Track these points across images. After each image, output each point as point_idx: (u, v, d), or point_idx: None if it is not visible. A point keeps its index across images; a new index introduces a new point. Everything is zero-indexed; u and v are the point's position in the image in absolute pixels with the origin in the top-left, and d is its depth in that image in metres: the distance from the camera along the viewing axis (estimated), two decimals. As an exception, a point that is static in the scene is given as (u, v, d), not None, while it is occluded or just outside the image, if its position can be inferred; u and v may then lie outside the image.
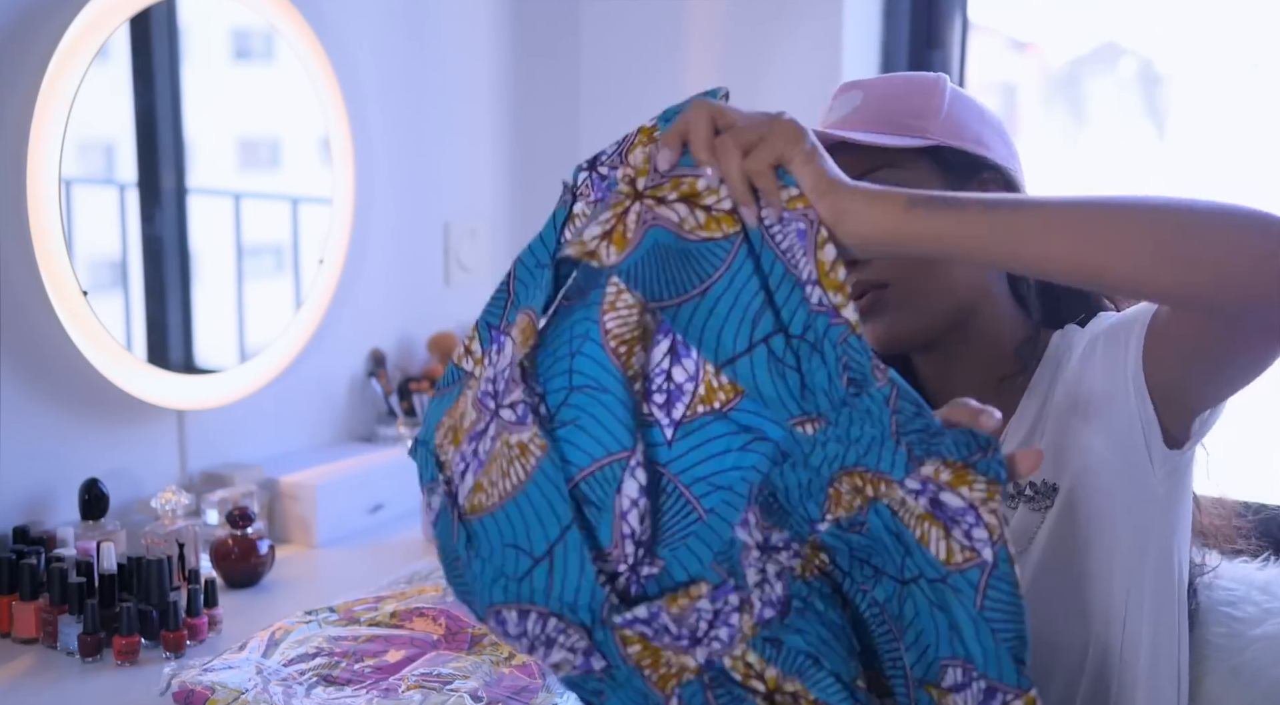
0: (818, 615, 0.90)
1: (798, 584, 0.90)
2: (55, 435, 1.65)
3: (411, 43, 2.13)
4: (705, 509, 0.92)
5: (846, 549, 0.90)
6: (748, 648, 0.90)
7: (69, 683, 1.36)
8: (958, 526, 0.85)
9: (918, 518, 0.86)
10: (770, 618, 0.90)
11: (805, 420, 0.89)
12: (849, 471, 0.88)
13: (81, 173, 1.68)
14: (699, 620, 0.90)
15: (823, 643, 0.90)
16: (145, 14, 1.69)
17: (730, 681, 0.90)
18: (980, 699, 0.85)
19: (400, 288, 2.15)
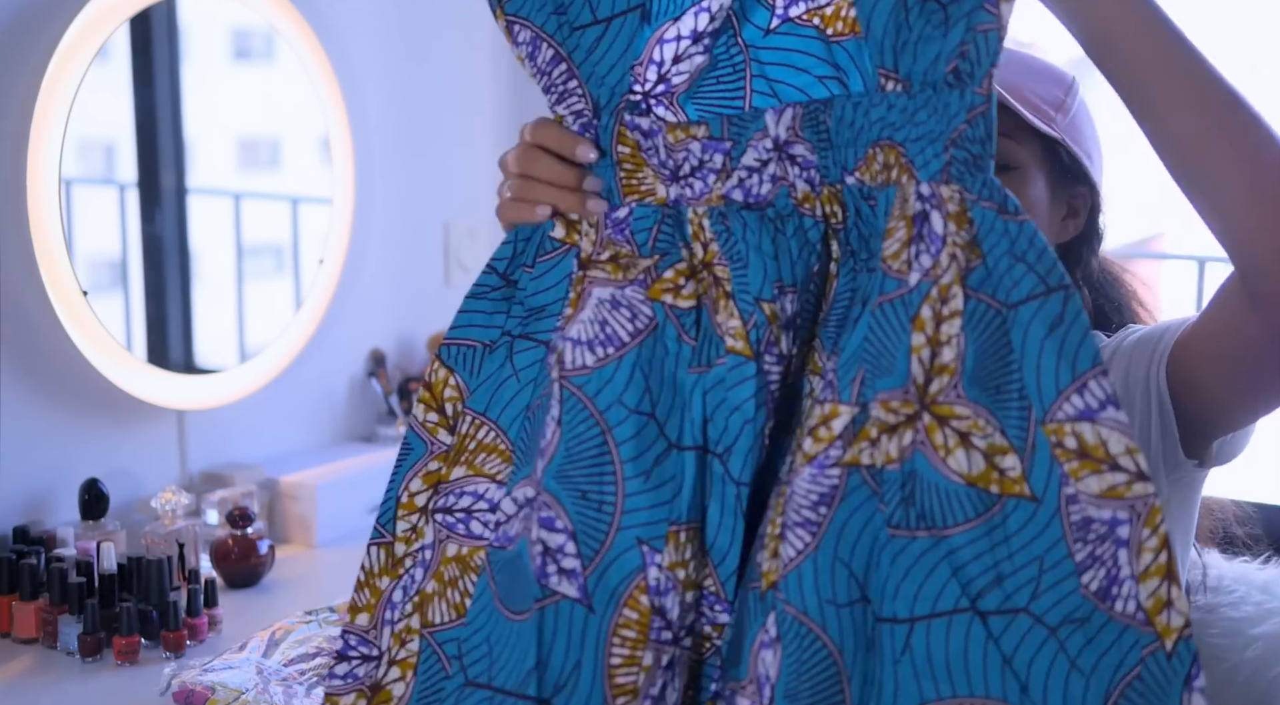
0: (778, 231, 0.89)
1: (786, 201, 0.90)
2: (55, 435, 1.65)
3: (411, 42, 2.13)
4: (753, 92, 0.90)
5: (854, 213, 0.88)
6: (706, 212, 0.91)
7: (69, 683, 1.36)
8: (921, 244, 0.83)
9: (903, 215, 0.84)
10: (733, 200, 0.90)
11: (891, 77, 0.85)
12: (892, 145, 0.85)
13: (81, 173, 1.68)
14: (685, 161, 0.91)
15: (760, 253, 0.89)
16: (145, 14, 1.69)
17: (682, 225, 0.92)
18: (823, 386, 0.85)
19: (400, 288, 2.15)
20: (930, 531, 0.80)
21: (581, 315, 0.91)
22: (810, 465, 0.83)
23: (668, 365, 0.90)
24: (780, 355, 0.89)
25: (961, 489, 0.80)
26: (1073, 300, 0.79)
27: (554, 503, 0.88)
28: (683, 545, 0.88)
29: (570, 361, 0.90)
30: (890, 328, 0.82)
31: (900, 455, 0.82)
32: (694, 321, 0.90)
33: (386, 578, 0.97)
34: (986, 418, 0.80)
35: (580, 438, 0.89)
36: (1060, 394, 0.79)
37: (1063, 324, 0.79)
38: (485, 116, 2.29)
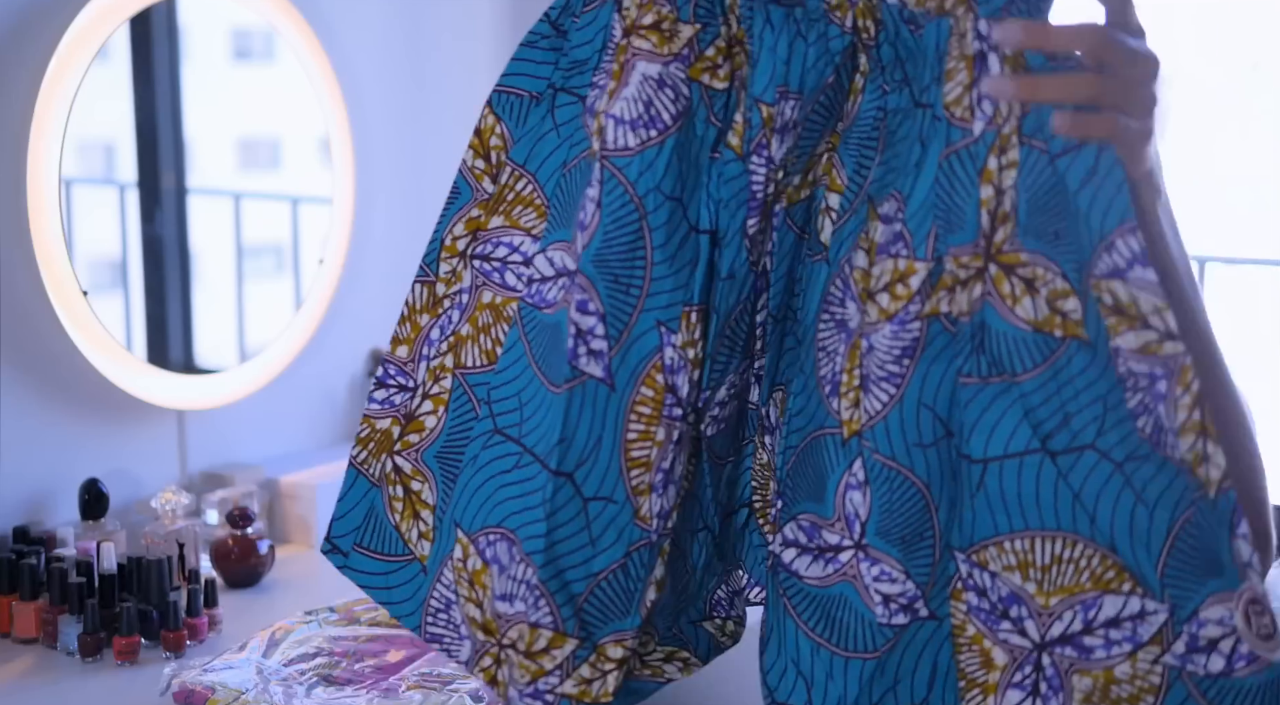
0: (799, 36, 0.89)
1: (818, 3, 0.89)
2: (55, 435, 1.65)
3: (411, 43, 2.13)
4: None
5: (893, 34, 0.87)
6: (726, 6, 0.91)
7: (69, 683, 1.36)
8: (979, 87, 0.83)
9: (963, 56, 0.84)
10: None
11: None
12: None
13: (81, 173, 1.68)
14: None
15: (773, 55, 0.88)
16: (145, 14, 1.69)
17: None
18: (890, 237, 0.86)
19: (400, 288, 2.14)
20: (1002, 377, 0.83)
21: (625, 92, 0.90)
22: (890, 322, 0.85)
23: (693, 147, 0.90)
24: (768, 158, 0.89)
25: (1029, 335, 0.82)
26: (1106, 153, 0.80)
27: (589, 286, 0.90)
28: (693, 325, 0.91)
29: (612, 141, 0.90)
30: (959, 181, 0.83)
31: (971, 307, 0.84)
32: (724, 103, 0.91)
33: (426, 315, 1.01)
34: (1046, 264, 0.82)
35: (619, 221, 0.90)
36: (1094, 250, 0.80)
37: (1095, 177, 0.80)
38: (485, 116, 2.29)
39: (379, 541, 1.04)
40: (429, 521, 1.01)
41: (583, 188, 0.92)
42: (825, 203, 0.92)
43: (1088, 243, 0.80)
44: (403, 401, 1.02)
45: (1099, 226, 0.80)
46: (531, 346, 0.95)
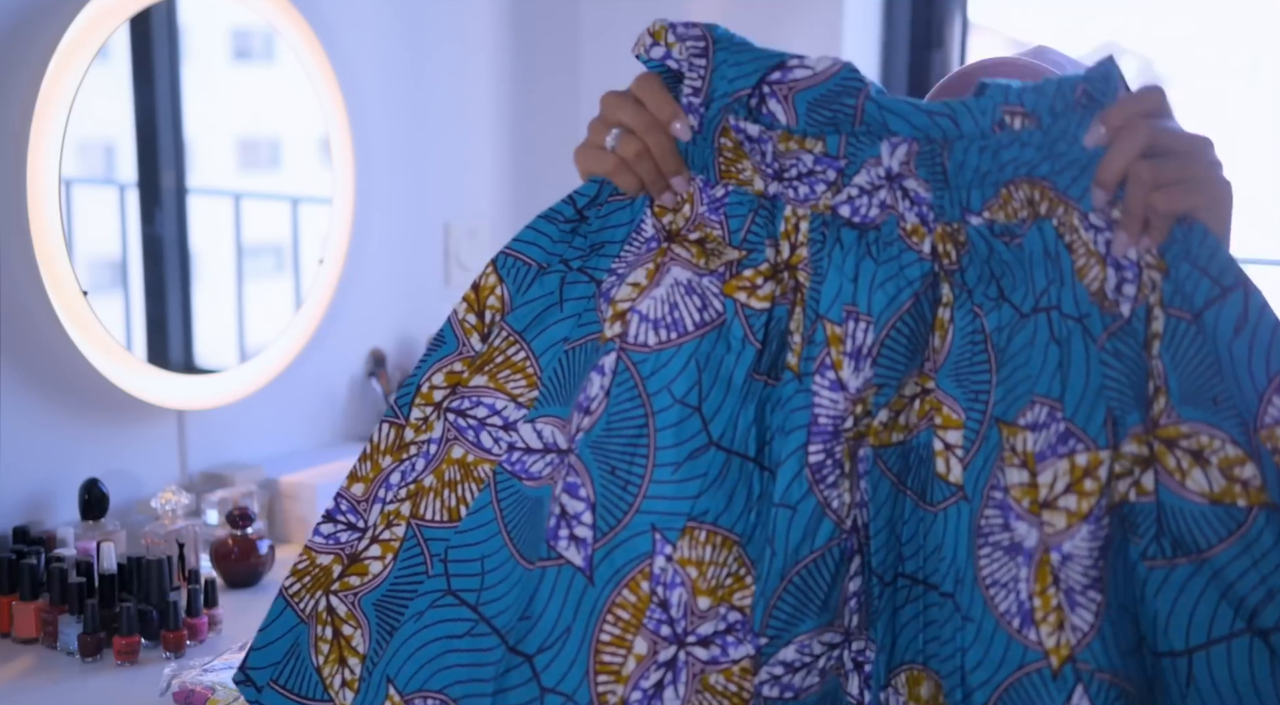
0: (868, 256, 0.87)
1: (893, 229, 0.87)
2: (55, 435, 1.65)
3: (411, 43, 2.13)
4: (864, 110, 0.87)
5: (985, 254, 0.86)
6: (808, 215, 0.89)
7: (69, 683, 1.36)
8: (1119, 274, 0.81)
9: (1088, 252, 0.82)
10: (839, 215, 0.88)
11: (1017, 112, 0.83)
12: (1034, 180, 0.84)
13: (81, 173, 1.68)
14: (793, 166, 0.89)
15: (840, 273, 0.87)
16: (145, 14, 1.69)
17: (775, 220, 0.90)
18: (1053, 441, 0.80)
19: (400, 288, 2.15)
20: (1190, 557, 0.79)
21: (655, 292, 0.90)
22: (1086, 522, 0.79)
23: (726, 363, 0.89)
24: (838, 381, 0.86)
25: (1208, 509, 0.78)
26: (1254, 296, 0.78)
27: (582, 470, 0.88)
28: (701, 545, 0.87)
29: (634, 335, 0.89)
30: (1128, 359, 0.80)
31: (1153, 485, 0.80)
32: (764, 323, 0.89)
33: (389, 457, 0.97)
34: (1210, 431, 0.78)
35: (624, 414, 0.88)
36: (1262, 398, 0.77)
37: (1248, 323, 0.78)
38: (485, 116, 2.29)
39: (297, 681, 0.98)
40: (355, 670, 0.96)
41: (587, 370, 0.91)
42: (943, 442, 0.87)
43: (1251, 392, 0.78)
44: (349, 540, 0.97)
45: (1263, 371, 0.77)
46: (504, 514, 0.93)
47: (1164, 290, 0.80)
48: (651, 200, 0.93)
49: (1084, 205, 0.82)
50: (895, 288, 0.86)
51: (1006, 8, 2.41)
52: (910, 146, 0.86)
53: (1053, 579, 0.80)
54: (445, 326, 0.98)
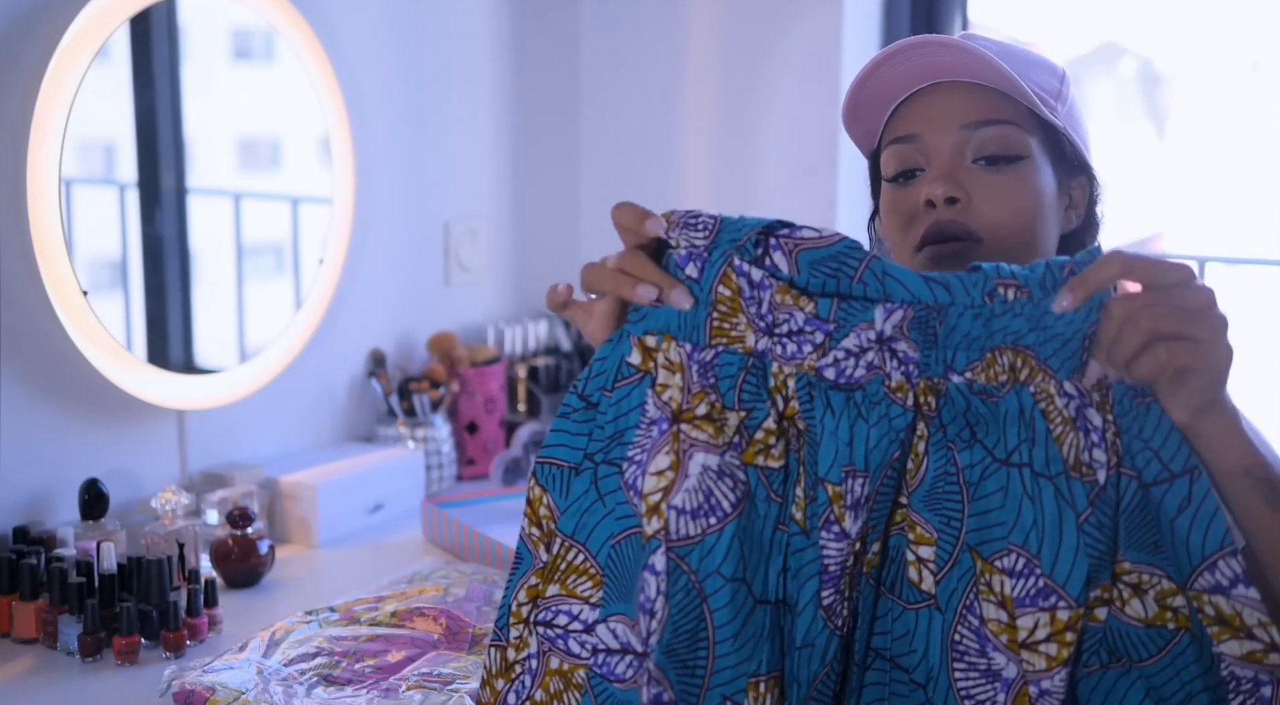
0: (860, 417, 0.92)
1: (878, 387, 0.92)
2: (55, 435, 1.65)
3: (411, 43, 2.13)
4: (866, 271, 0.92)
5: (962, 407, 0.92)
6: (794, 374, 0.93)
7: (69, 683, 1.36)
8: (1087, 439, 0.88)
9: (1064, 419, 0.89)
10: (824, 377, 0.92)
11: (1010, 285, 0.90)
12: (1019, 348, 0.90)
13: (81, 173, 1.68)
14: (785, 322, 0.93)
15: (835, 437, 0.91)
16: (145, 14, 1.69)
17: (765, 377, 0.93)
18: (1032, 592, 0.89)
19: (400, 288, 2.16)
20: (1121, 662, 0.90)
21: (686, 484, 0.93)
22: (1066, 666, 0.88)
23: (756, 526, 0.93)
24: (842, 532, 0.92)
25: (1142, 631, 0.89)
26: (1198, 483, 0.88)
27: (662, 677, 0.92)
28: (762, 695, 0.92)
29: (675, 530, 0.93)
30: (1106, 529, 0.89)
31: (1105, 616, 0.90)
32: (781, 480, 0.93)
33: (502, 680, 1.01)
34: (1150, 571, 0.89)
35: (684, 610, 0.92)
36: (1194, 569, 0.88)
37: (1190, 505, 0.88)
38: (485, 116, 2.29)
39: None
40: None
41: (636, 566, 0.94)
42: (915, 555, 0.93)
43: (1186, 562, 0.88)
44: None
45: (1200, 548, 0.87)
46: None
47: (1124, 454, 0.89)
48: (654, 381, 0.95)
49: (1061, 375, 0.89)
50: (887, 444, 0.92)
51: (1006, 8, 2.41)
52: (906, 312, 0.91)
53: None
54: (519, 543, 1.02)
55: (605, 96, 2.42)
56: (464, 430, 2.12)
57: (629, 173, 2.38)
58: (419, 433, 2.03)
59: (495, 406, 2.15)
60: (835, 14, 2.17)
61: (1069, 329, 0.89)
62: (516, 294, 2.38)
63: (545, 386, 2.28)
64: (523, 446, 2.07)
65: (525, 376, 2.27)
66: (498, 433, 2.16)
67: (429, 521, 1.82)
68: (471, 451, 2.13)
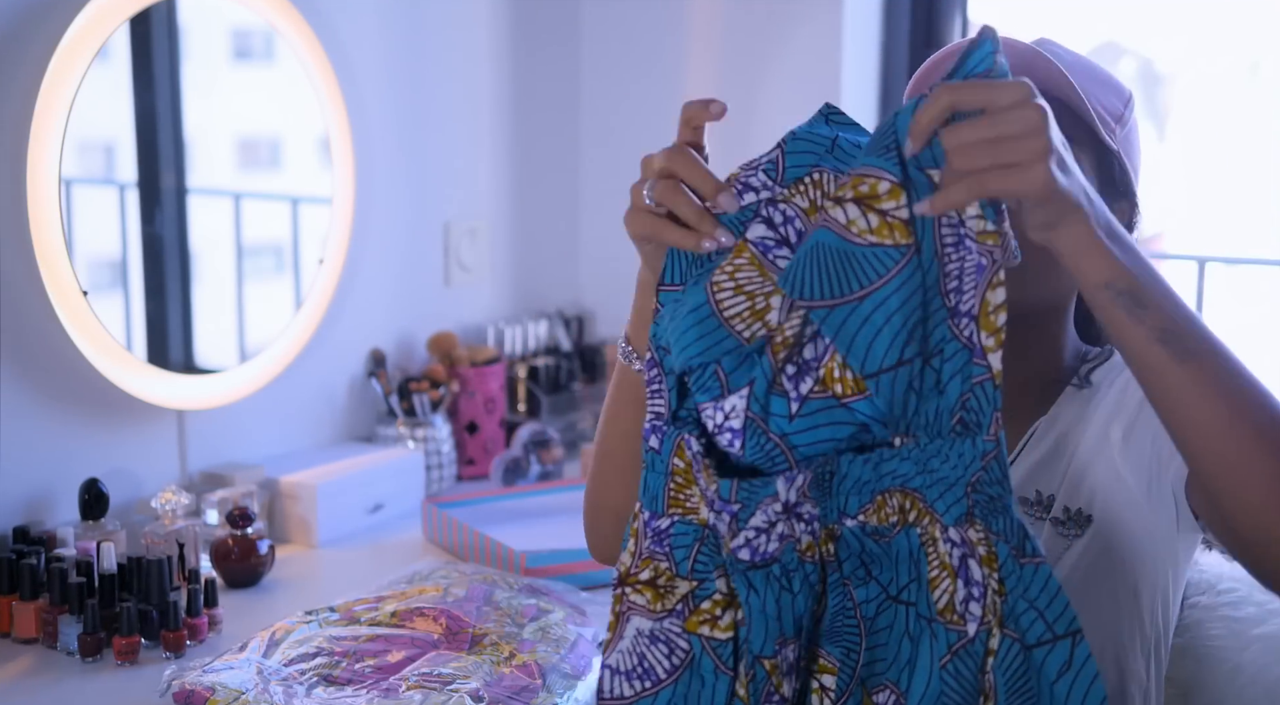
0: (784, 589, 0.93)
1: (791, 555, 0.93)
2: (55, 435, 1.65)
3: (411, 43, 2.13)
4: (795, 459, 0.92)
5: (857, 549, 0.93)
6: (720, 564, 0.94)
7: (69, 683, 1.36)
8: (966, 590, 0.88)
9: (942, 564, 0.89)
10: (740, 558, 0.92)
11: (897, 433, 0.91)
12: (907, 491, 0.91)
13: (81, 173, 1.68)
14: (711, 502, 0.94)
15: (764, 616, 0.92)
16: (145, 14, 1.69)
17: (718, 548, 0.94)
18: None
19: (400, 288, 2.15)
20: None
21: (620, 645, 0.95)
22: None
23: (704, 697, 0.94)
24: (782, 698, 0.93)
25: None
26: (1079, 647, 0.87)
27: None
28: None
29: (608, 690, 0.95)
30: (964, 680, 0.89)
31: None
32: (731, 652, 0.93)
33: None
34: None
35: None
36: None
37: (1070, 670, 0.87)
38: (485, 116, 2.29)
39: None
40: None
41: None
42: (819, 683, 0.95)
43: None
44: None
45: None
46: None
47: (1002, 612, 0.88)
48: (619, 565, 0.97)
49: (947, 520, 0.89)
50: (810, 603, 0.93)
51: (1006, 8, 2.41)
52: (806, 475, 0.92)
53: None
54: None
55: (605, 96, 2.42)
56: (464, 430, 2.12)
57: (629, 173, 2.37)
58: (419, 433, 2.03)
59: (495, 406, 2.15)
60: (835, 15, 2.17)
61: (954, 473, 0.89)
62: (516, 294, 2.38)
63: (545, 386, 2.28)
64: (523, 446, 2.07)
65: (525, 376, 2.27)
66: (498, 433, 2.16)
67: (429, 521, 1.82)
68: (471, 451, 2.13)
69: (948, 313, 0.88)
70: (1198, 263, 2.04)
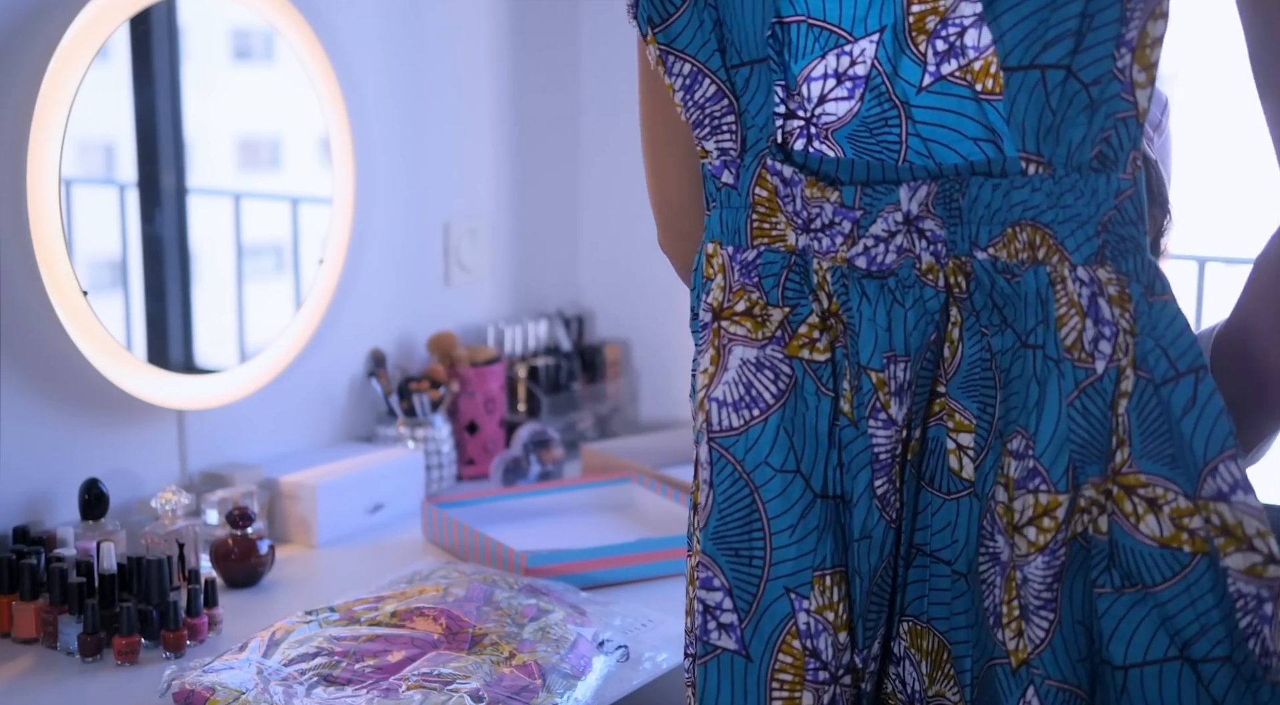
0: (896, 303, 0.92)
1: (909, 271, 0.92)
2: (55, 435, 1.65)
3: (411, 43, 2.13)
4: (908, 148, 0.92)
5: (988, 287, 0.91)
6: (829, 268, 0.94)
7: (69, 683, 1.36)
8: (1096, 329, 0.86)
9: (1071, 302, 0.87)
10: (856, 266, 0.92)
11: (1033, 159, 0.88)
12: (1037, 226, 0.88)
13: (81, 173, 1.68)
14: (818, 216, 0.94)
15: (873, 324, 0.92)
16: (145, 14, 1.69)
17: (807, 274, 0.94)
18: (1022, 474, 0.88)
19: (400, 288, 2.15)
20: (1135, 589, 0.87)
21: (726, 376, 0.95)
22: (1042, 554, 0.87)
23: (809, 419, 0.94)
24: (889, 419, 0.93)
25: (1156, 551, 0.87)
26: (1203, 383, 0.85)
27: (711, 563, 0.94)
28: (829, 588, 0.94)
29: (717, 422, 0.95)
30: (1094, 417, 0.87)
31: (1108, 526, 0.88)
32: (830, 373, 0.94)
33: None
34: (1166, 484, 0.86)
35: (731, 499, 0.94)
36: (1199, 474, 0.85)
37: (1195, 407, 0.85)
38: (485, 116, 2.29)
39: None
40: None
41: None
42: (955, 443, 0.94)
43: (1193, 467, 0.85)
44: None
45: (1202, 452, 0.85)
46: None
47: (1135, 353, 0.87)
48: (711, 300, 0.97)
49: (1076, 258, 0.87)
50: (924, 326, 0.92)
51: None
52: (930, 187, 0.91)
53: (1015, 593, 0.89)
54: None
55: (605, 96, 2.42)
56: (464, 430, 2.12)
57: (629, 173, 2.38)
58: (419, 433, 2.03)
59: (495, 406, 2.15)
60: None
61: (1087, 210, 0.87)
62: (516, 294, 2.38)
63: (545, 386, 2.28)
64: (523, 446, 2.07)
65: (525, 376, 2.27)
66: (498, 433, 2.16)
67: (429, 521, 1.82)
68: (471, 451, 2.13)
69: (1115, 40, 0.84)
70: (1198, 263, 2.04)
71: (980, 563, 0.93)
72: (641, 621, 1.49)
